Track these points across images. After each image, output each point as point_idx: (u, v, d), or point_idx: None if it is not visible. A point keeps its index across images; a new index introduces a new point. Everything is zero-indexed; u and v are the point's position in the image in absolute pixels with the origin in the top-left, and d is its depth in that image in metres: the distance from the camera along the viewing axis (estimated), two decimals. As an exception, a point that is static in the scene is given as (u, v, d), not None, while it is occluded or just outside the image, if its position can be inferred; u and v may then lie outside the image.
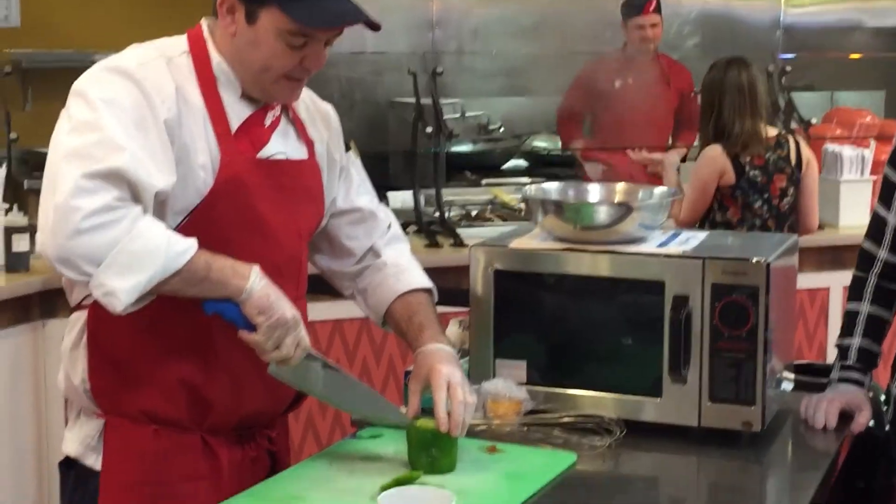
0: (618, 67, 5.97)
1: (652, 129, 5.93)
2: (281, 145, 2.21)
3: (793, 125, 5.28)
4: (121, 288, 1.94)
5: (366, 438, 2.35)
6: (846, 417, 2.45)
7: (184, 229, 2.06)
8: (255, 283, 2.03)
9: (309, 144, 2.27)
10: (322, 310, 3.94)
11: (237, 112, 2.15)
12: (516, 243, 2.51)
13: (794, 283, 2.66)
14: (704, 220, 4.65)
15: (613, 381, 2.43)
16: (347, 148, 2.40)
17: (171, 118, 2.04)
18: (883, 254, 2.53)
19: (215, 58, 2.14)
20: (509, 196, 5.27)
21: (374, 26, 2.10)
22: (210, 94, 2.12)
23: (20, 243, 4.07)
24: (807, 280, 4.73)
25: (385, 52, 6.34)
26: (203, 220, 2.07)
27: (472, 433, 2.34)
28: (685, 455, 2.35)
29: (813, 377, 2.78)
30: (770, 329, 2.33)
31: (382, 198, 5.73)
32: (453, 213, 5.15)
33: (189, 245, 1.99)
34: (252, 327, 2.04)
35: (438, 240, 4.67)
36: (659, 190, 2.60)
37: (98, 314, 2.11)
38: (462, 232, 4.68)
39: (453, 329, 2.73)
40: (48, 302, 4.01)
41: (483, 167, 6.58)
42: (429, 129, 4.72)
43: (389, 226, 2.45)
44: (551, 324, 2.48)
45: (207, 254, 2.01)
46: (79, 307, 2.18)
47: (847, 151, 5.22)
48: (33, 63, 5.90)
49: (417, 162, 5.11)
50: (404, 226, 4.87)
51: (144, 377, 2.13)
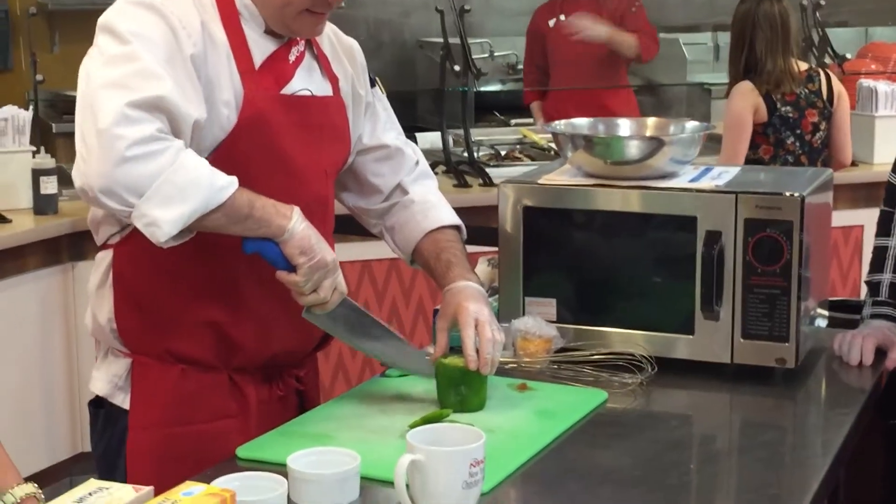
0: (550, 6, 5.95)
1: (601, 62, 5.85)
2: (305, 81, 2.17)
3: (826, 61, 5.19)
4: (164, 218, 1.91)
5: (395, 377, 2.34)
6: (880, 353, 2.42)
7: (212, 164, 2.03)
8: (298, 224, 2.01)
9: (333, 81, 2.24)
10: (351, 250, 3.93)
11: (261, 48, 2.11)
12: (545, 179, 2.47)
13: (829, 219, 2.61)
14: (735, 159, 4.60)
15: (645, 319, 2.40)
16: (373, 84, 2.36)
17: (198, 53, 2.01)
18: None
19: None
20: (538, 135, 5.23)
21: None
22: (233, 30, 2.08)
23: (48, 186, 4.07)
24: (841, 217, 4.68)
25: (412, -9, 6.32)
26: (227, 158, 2.04)
27: (502, 371, 2.32)
28: (717, 392, 2.33)
29: (847, 314, 2.75)
30: (804, 265, 2.29)
31: (411, 138, 5.76)
32: (482, 154, 5.12)
33: (231, 181, 1.96)
34: (291, 268, 2.02)
35: (467, 180, 4.63)
36: (691, 124, 2.55)
37: (124, 253, 2.10)
38: (491, 172, 4.65)
39: (482, 267, 2.71)
40: (77, 244, 4.01)
41: (512, 107, 6.54)
42: (456, 69, 4.66)
43: (417, 162, 2.42)
44: (581, 261, 2.45)
45: (249, 192, 1.99)
46: (105, 246, 2.16)
47: (882, 87, 5.14)
48: (59, 5, 5.88)
49: (445, 102, 5.07)
50: (433, 166, 4.86)
51: (170, 318, 2.11)
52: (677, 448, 2.03)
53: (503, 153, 5.09)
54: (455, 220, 2.39)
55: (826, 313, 2.59)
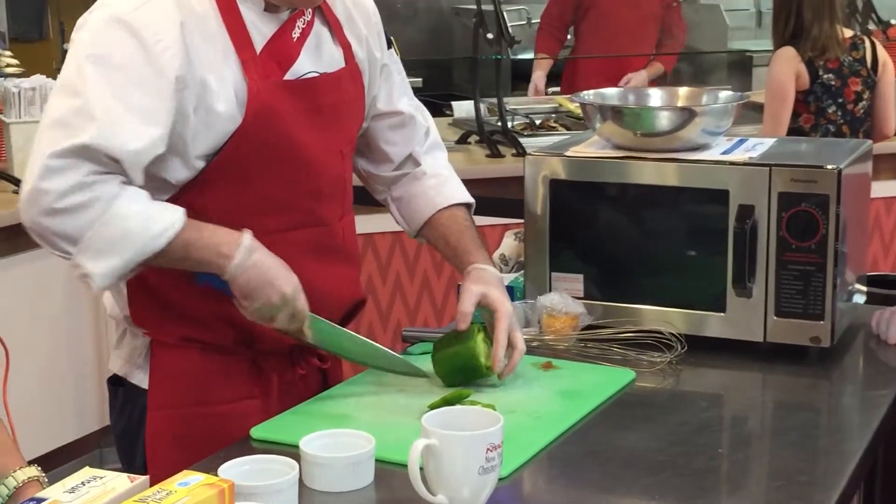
0: None
1: (636, 38, 5.82)
2: (312, 59, 2.08)
3: (870, 26, 5.06)
4: (96, 272, 1.89)
5: (416, 355, 2.28)
6: (921, 332, 2.34)
7: (216, 168, 1.98)
8: (239, 266, 1.93)
9: (346, 47, 2.15)
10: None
11: (261, 30, 2.01)
12: (573, 151, 2.40)
13: (868, 192, 2.52)
14: (776, 129, 4.49)
15: (675, 295, 2.33)
16: (389, 45, 2.28)
17: (178, 65, 1.90)
18: None
19: None
20: (574, 104, 5.13)
21: None
22: (231, 15, 1.98)
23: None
24: (883, 188, 4.57)
25: (447, -43, 6.23)
26: (237, 156, 1.98)
27: (527, 349, 2.26)
28: (749, 372, 2.25)
29: (887, 289, 2.66)
30: (841, 240, 2.21)
31: (446, 107, 5.70)
32: (517, 123, 5.04)
33: (167, 225, 1.90)
34: None
35: (500, 150, 4.55)
36: (724, 94, 2.47)
37: None
38: (525, 142, 4.57)
39: (509, 241, 2.64)
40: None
41: (549, 75, 6.43)
42: (489, 36, 4.57)
43: (427, 131, 2.35)
44: (609, 235, 2.38)
45: (192, 230, 1.92)
46: None
47: (927, 54, 5.00)
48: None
49: (480, 70, 4.99)
50: (465, 136, 4.80)
51: (184, 309, 2.05)
52: (706, 431, 1.96)
53: (538, 122, 5.01)
54: (467, 198, 2.32)
55: (864, 289, 2.51)
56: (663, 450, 1.88)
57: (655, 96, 2.52)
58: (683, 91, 2.52)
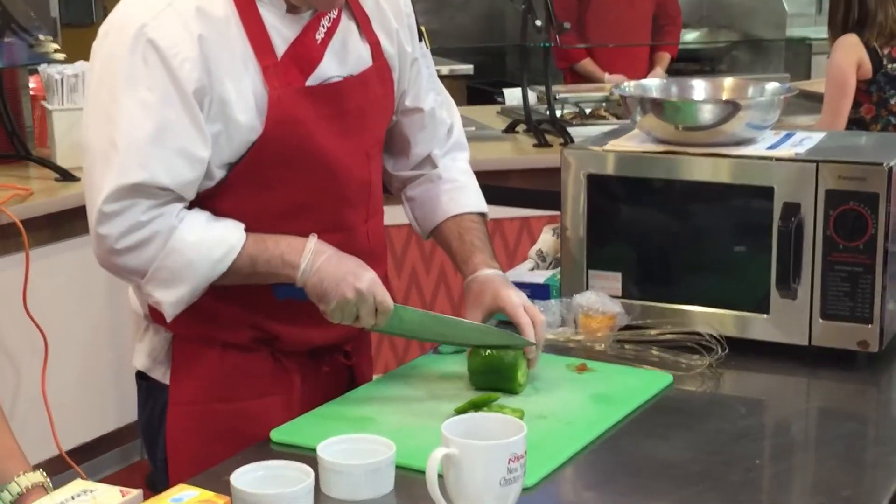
0: None
1: (633, 27, 5.85)
2: (337, 61, 2.01)
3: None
4: (166, 301, 1.93)
5: (447, 354, 2.21)
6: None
7: (237, 175, 1.94)
8: (307, 271, 1.93)
9: (374, 44, 2.08)
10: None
11: (282, 34, 1.94)
12: (611, 146, 2.31)
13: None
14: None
15: (716, 296, 2.24)
16: (420, 37, 2.21)
17: (196, 77, 1.86)
18: None
19: None
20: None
21: None
22: (251, 20, 1.91)
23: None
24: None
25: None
26: (258, 164, 1.93)
27: (561, 350, 2.20)
28: (793, 377, 2.16)
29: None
30: (891, 240, 2.11)
31: (499, 95, 5.61)
32: (566, 111, 4.94)
33: (228, 249, 1.91)
34: None
35: (548, 139, 4.46)
36: (771, 86, 2.37)
37: None
38: (574, 131, 4.48)
39: (547, 237, 2.56)
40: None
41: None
42: (538, 23, 4.48)
43: (451, 129, 2.28)
44: (649, 233, 2.29)
45: (255, 245, 1.93)
46: None
47: None
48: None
49: (529, 58, 4.90)
50: (514, 125, 4.72)
51: (203, 309, 2.00)
52: (744, 439, 1.87)
53: (588, 111, 4.91)
54: (480, 207, 2.26)
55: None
56: (698, 460, 1.80)
57: (699, 88, 2.42)
58: (729, 82, 2.42)
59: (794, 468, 1.81)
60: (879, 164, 2.09)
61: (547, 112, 4.67)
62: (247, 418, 2.02)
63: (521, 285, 2.35)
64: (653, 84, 2.43)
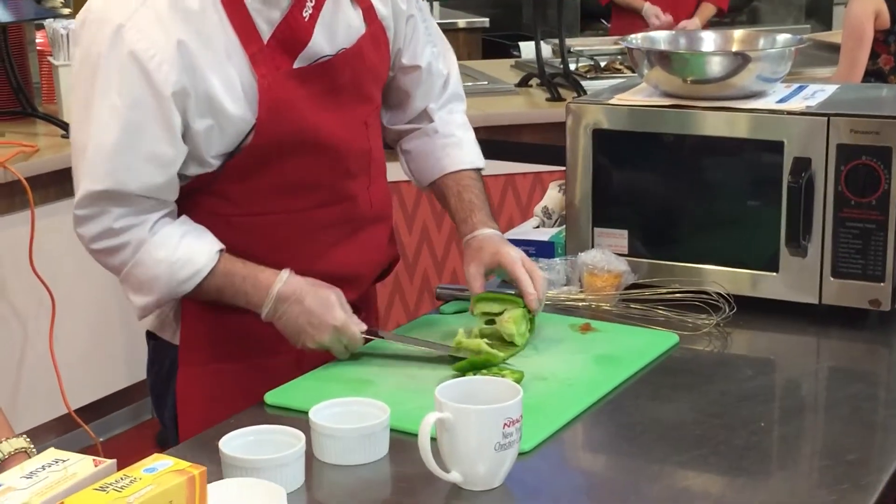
0: None
1: None
2: (328, 38, 1.95)
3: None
4: (136, 303, 1.97)
5: (449, 314, 2.18)
6: None
7: (236, 162, 1.91)
8: (270, 315, 1.93)
9: (366, 9, 2.03)
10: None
11: (267, 18, 1.88)
12: (618, 99, 2.25)
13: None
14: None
15: (725, 253, 2.18)
16: None
17: (174, 80, 1.81)
18: None
19: None
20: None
21: None
22: (232, 6, 1.85)
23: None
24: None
25: None
26: (255, 150, 1.90)
27: (566, 310, 2.16)
28: (802, 336, 2.11)
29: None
30: (904, 196, 2.05)
31: (514, 48, 5.52)
32: (581, 65, 4.87)
33: (194, 272, 1.91)
34: None
35: (561, 93, 4.39)
36: (782, 37, 2.30)
37: None
38: (587, 84, 4.41)
39: (553, 193, 2.51)
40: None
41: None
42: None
43: (447, 80, 2.23)
44: (656, 189, 2.24)
45: (223, 277, 1.93)
46: None
47: None
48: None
49: (548, 10, 4.82)
50: (527, 78, 4.64)
51: None
52: (749, 402, 1.82)
53: (603, 64, 4.83)
54: (477, 163, 2.21)
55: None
56: (701, 422, 1.75)
57: (708, 40, 2.35)
58: (739, 34, 2.35)
59: (800, 431, 1.76)
60: (892, 118, 2.02)
61: (561, 66, 4.60)
62: (256, 377, 2.00)
63: (526, 242, 2.31)
64: (660, 36, 2.36)
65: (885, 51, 4.25)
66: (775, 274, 2.14)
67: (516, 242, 2.31)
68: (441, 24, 2.24)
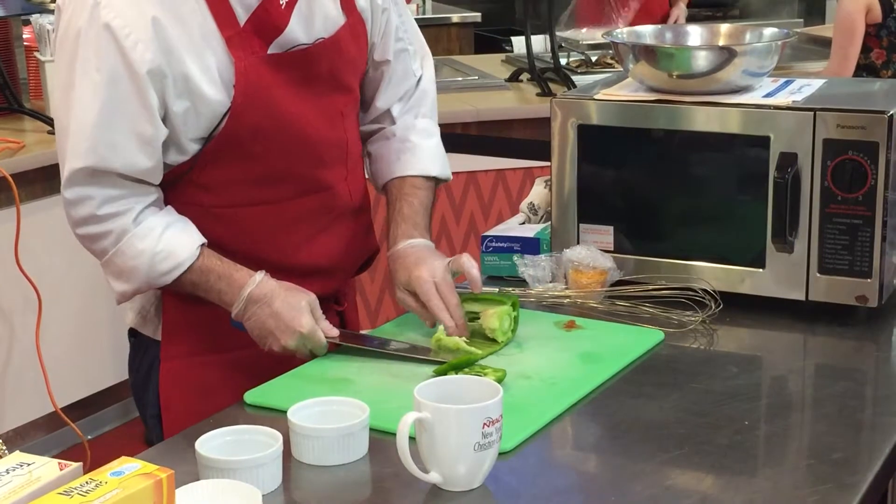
0: None
1: None
2: (303, 28, 1.94)
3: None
4: (115, 288, 1.97)
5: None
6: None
7: (212, 146, 1.90)
8: (240, 315, 1.93)
9: (345, 1, 2.01)
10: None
11: (244, 2, 1.88)
12: (603, 94, 2.23)
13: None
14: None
15: (711, 250, 2.17)
16: None
17: (150, 58, 1.80)
18: None
19: None
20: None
21: None
22: None
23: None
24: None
25: None
26: (231, 135, 1.90)
27: (551, 307, 2.14)
28: (789, 333, 2.09)
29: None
30: (892, 191, 2.03)
31: (507, 43, 5.48)
32: (572, 59, 4.85)
33: (176, 265, 1.91)
34: None
35: (551, 88, 4.37)
36: (769, 31, 2.28)
37: None
38: (578, 79, 4.39)
39: (539, 189, 2.49)
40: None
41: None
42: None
43: (419, 81, 2.21)
44: (641, 185, 2.21)
45: (199, 274, 1.93)
46: None
47: None
48: None
49: (540, 4, 4.81)
50: (518, 73, 4.63)
51: None
52: (734, 400, 1.80)
53: (594, 59, 4.82)
54: (427, 170, 2.16)
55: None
56: (685, 421, 1.73)
57: (694, 34, 2.33)
58: (725, 28, 2.33)
59: (784, 430, 1.74)
60: (879, 112, 2.00)
61: (552, 60, 4.58)
62: (238, 369, 2.01)
63: (511, 239, 2.30)
64: (646, 30, 2.34)
65: (877, 45, 4.23)
66: (762, 270, 2.12)
67: (501, 239, 2.30)
68: (433, 19, 2.23)
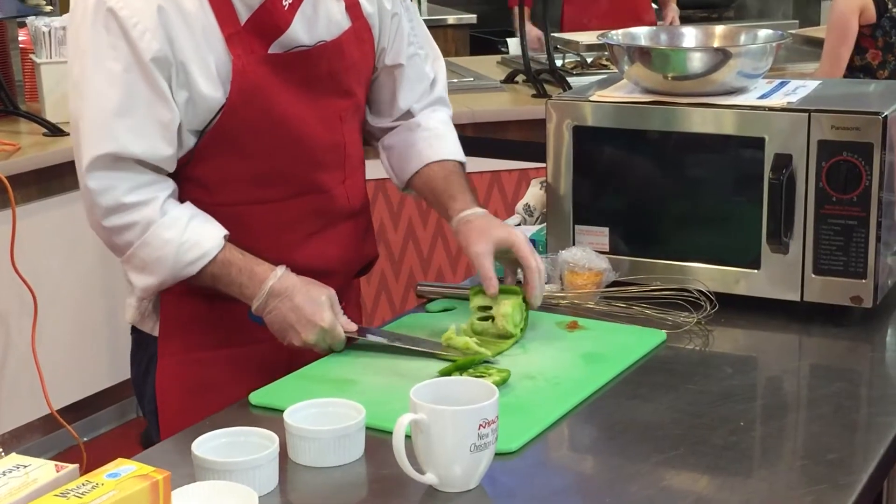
0: None
1: None
2: (307, 29, 1.95)
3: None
4: (137, 284, 1.97)
5: (436, 312, 2.16)
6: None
7: (208, 141, 1.92)
8: (260, 309, 1.94)
9: (352, 5, 2.02)
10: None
11: (247, 1, 1.89)
12: (598, 96, 2.23)
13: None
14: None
15: (706, 251, 2.17)
16: None
17: (156, 48, 1.83)
18: None
19: None
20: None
21: None
22: None
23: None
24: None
25: None
26: (226, 131, 1.91)
27: (550, 308, 2.14)
28: (784, 334, 2.09)
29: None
30: (886, 192, 2.03)
31: (503, 45, 5.47)
32: (567, 61, 4.86)
33: (203, 253, 1.92)
34: None
35: (547, 89, 4.38)
36: (764, 33, 2.28)
37: None
38: (574, 81, 4.39)
39: (534, 191, 2.49)
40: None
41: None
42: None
43: (434, 82, 2.22)
44: (637, 186, 2.22)
45: (221, 266, 1.93)
46: None
47: None
48: None
49: (535, 5, 4.81)
50: (513, 75, 4.63)
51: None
52: (729, 401, 1.80)
53: (589, 60, 4.82)
54: (458, 156, 2.19)
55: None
56: (681, 422, 1.74)
57: (689, 36, 2.34)
58: (720, 30, 2.34)
59: (780, 430, 1.74)
60: (874, 114, 2.01)
61: (547, 62, 4.58)
62: (235, 366, 2.03)
63: (507, 241, 2.29)
64: (641, 32, 2.34)
65: (873, 45, 4.24)
66: (757, 271, 2.13)
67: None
68: (429, 21, 2.24)
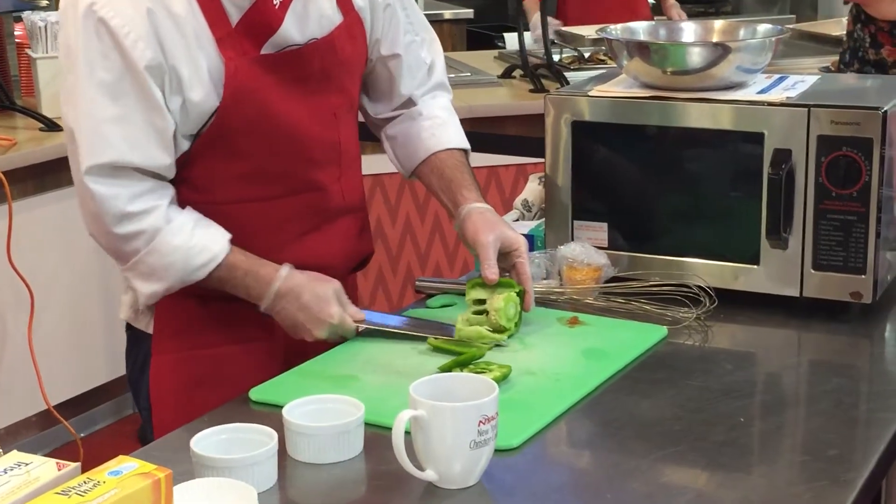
0: None
1: None
2: (299, 27, 1.94)
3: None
4: (142, 291, 1.97)
5: (436, 308, 2.15)
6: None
7: (202, 143, 1.91)
8: (269, 309, 1.96)
9: (342, 0, 2.02)
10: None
11: (237, 2, 1.88)
12: (597, 91, 2.23)
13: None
14: (854, 59, 4.25)
15: (705, 246, 2.17)
16: None
17: (150, 56, 1.83)
18: None
19: None
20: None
21: None
22: None
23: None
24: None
25: None
26: (220, 133, 1.91)
27: (551, 304, 2.14)
28: (783, 329, 2.09)
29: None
30: (886, 187, 2.03)
31: (499, 39, 5.46)
32: (565, 56, 4.85)
33: (208, 259, 1.93)
34: None
35: (544, 84, 4.37)
36: (763, 27, 2.28)
37: None
38: (571, 76, 4.38)
39: (533, 186, 2.49)
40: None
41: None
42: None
43: (432, 68, 2.21)
44: (635, 181, 2.22)
45: (226, 270, 1.94)
46: None
47: None
48: None
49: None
50: (511, 69, 4.62)
51: None
52: (729, 396, 1.80)
53: (587, 55, 4.81)
54: (463, 144, 2.19)
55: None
56: (681, 418, 1.73)
57: (688, 30, 2.33)
58: (719, 24, 2.33)
59: (779, 426, 1.74)
60: (873, 109, 2.00)
61: (544, 57, 4.58)
62: (229, 364, 2.02)
63: (506, 236, 2.29)
64: (640, 27, 2.34)
65: (890, 42, 4.21)
66: (756, 266, 2.12)
67: (495, 236, 2.29)
68: (426, 16, 2.22)
